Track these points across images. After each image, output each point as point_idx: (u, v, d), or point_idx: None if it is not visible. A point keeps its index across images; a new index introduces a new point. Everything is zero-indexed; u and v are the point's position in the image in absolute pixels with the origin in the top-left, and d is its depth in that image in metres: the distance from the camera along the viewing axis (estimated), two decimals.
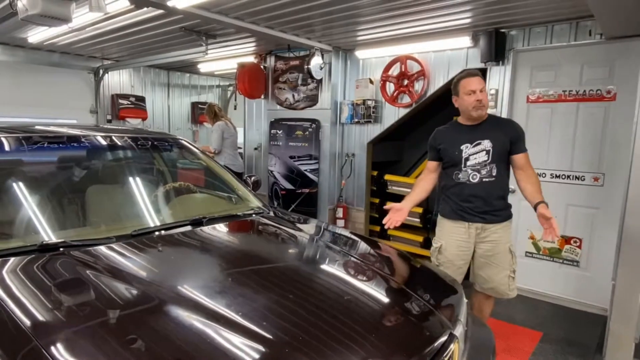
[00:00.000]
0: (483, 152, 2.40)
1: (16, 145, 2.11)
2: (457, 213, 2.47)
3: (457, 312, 1.65)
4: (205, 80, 8.03)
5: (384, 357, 1.24)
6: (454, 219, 2.49)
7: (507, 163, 2.46)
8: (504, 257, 2.45)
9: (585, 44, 3.41)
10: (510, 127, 2.47)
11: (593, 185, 3.50)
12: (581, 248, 3.61)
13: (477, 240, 2.46)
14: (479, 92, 2.37)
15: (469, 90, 2.38)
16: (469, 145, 2.43)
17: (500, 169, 2.42)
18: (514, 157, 2.43)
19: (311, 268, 1.89)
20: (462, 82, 2.42)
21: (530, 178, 2.40)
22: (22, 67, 5.70)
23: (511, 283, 2.51)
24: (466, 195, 2.43)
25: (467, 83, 2.40)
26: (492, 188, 2.42)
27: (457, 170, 2.45)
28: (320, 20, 3.84)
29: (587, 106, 3.49)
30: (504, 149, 2.40)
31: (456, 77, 2.50)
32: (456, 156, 2.45)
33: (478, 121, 2.45)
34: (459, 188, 2.45)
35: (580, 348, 2.89)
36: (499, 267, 2.46)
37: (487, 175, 2.41)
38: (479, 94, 2.37)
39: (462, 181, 2.44)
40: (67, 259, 1.58)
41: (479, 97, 2.37)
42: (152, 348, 1.14)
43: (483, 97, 2.38)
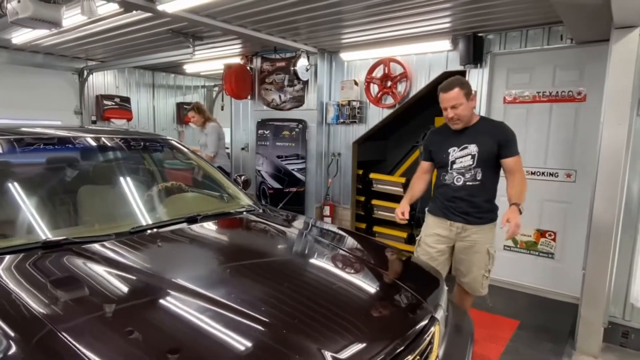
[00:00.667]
0: (469, 157, 2.45)
1: (12, 147, 2.17)
2: (441, 211, 2.58)
3: (438, 298, 1.79)
4: (190, 80, 8.05)
5: (370, 338, 1.36)
6: (438, 216, 2.61)
7: (497, 166, 2.48)
8: (481, 257, 2.52)
9: (557, 48, 3.62)
10: (500, 131, 2.45)
11: (566, 181, 3.71)
12: (555, 241, 3.82)
13: (457, 238, 2.57)
14: (450, 109, 2.39)
15: (443, 107, 2.43)
16: (456, 149, 2.49)
17: (486, 173, 2.45)
18: (502, 161, 2.43)
19: (302, 260, 2.01)
20: (440, 96, 2.45)
21: (514, 182, 2.41)
22: (5, 68, 5.65)
23: (484, 282, 2.59)
24: (450, 196, 2.53)
25: (441, 99, 2.43)
26: (475, 191, 2.47)
27: (444, 172, 2.55)
28: (306, 23, 3.95)
29: (559, 107, 3.69)
30: (490, 154, 2.42)
31: (439, 86, 2.52)
32: (444, 159, 2.53)
33: (466, 125, 2.48)
34: (444, 189, 2.56)
35: (554, 334, 3.07)
36: (475, 266, 2.54)
37: (471, 179, 2.46)
38: (450, 111, 2.40)
39: (447, 182, 2.53)
40: (69, 255, 1.65)
41: (450, 114, 2.41)
42: (160, 331, 1.24)
43: (456, 113, 2.39)
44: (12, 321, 1.24)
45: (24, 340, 1.17)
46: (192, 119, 5.00)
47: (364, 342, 1.33)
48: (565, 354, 2.81)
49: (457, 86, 2.38)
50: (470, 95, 2.41)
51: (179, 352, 1.16)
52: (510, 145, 2.41)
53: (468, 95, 2.40)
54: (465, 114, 2.41)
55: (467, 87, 2.41)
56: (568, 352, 2.83)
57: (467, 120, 2.45)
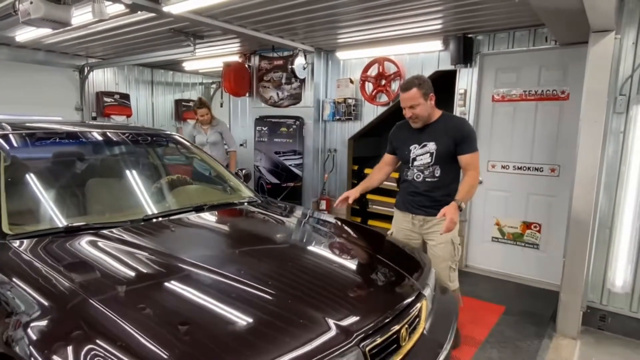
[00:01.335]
0: (427, 154, 2.50)
1: (26, 142, 2.33)
2: (404, 205, 2.67)
3: (425, 277, 1.97)
4: (188, 77, 8.18)
5: (366, 309, 1.53)
6: (402, 210, 2.70)
7: (457, 163, 2.50)
8: (445, 248, 2.53)
9: (542, 49, 3.81)
10: (457, 129, 2.46)
11: (550, 175, 3.91)
12: (540, 232, 4.02)
13: (422, 232, 2.62)
14: (408, 109, 2.44)
15: (402, 106, 2.50)
16: (417, 146, 2.54)
17: (444, 170, 2.49)
18: (458, 157, 2.46)
19: (302, 243, 2.20)
20: (400, 95, 2.51)
21: (465, 180, 2.44)
22: (7, 65, 5.75)
23: (452, 274, 2.57)
24: (411, 191, 2.61)
25: (400, 98, 2.48)
26: (434, 187, 2.53)
27: (407, 168, 2.63)
28: (303, 24, 4.12)
29: (544, 105, 3.89)
30: (448, 151, 2.45)
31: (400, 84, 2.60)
32: (406, 155, 2.60)
33: (426, 123, 2.51)
34: (406, 184, 2.64)
35: (537, 318, 3.28)
36: (440, 257, 2.54)
37: (430, 175, 2.51)
38: (408, 111, 2.45)
39: (409, 179, 2.60)
40: (89, 238, 1.82)
41: (408, 114, 2.47)
42: (177, 300, 1.41)
43: (414, 113, 2.44)
44: (47, 292, 1.40)
45: (58, 307, 1.33)
46: (205, 116, 4.70)
47: (360, 312, 1.50)
48: (547, 336, 3.01)
49: (414, 86, 2.40)
50: (429, 94, 2.44)
51: (197, 316, 1.33)
52: (466, 142, 2.42)
53: (426, 95, 2.43)
54: (423, 114, 2.45)
55: (425, 86, 2.43)
56: (549, 334, 3.03)
57: (426, 119, 2.49)
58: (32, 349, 1.22)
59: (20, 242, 1.73)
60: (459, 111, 4.31)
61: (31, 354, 1.20)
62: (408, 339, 1.62)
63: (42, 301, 1.37)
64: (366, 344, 1.39)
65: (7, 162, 2.16)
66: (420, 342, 1.70)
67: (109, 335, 1.19)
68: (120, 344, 1.15)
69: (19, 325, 1.32)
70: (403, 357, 1.56)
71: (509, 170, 4.12)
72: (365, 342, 1.39)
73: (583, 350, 2.86)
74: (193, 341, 1.20)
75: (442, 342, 1.76)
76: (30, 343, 1.24)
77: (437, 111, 2.55)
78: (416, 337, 1.69)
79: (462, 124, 2.53)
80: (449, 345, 1.79)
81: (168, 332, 1.22)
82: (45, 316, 1.32)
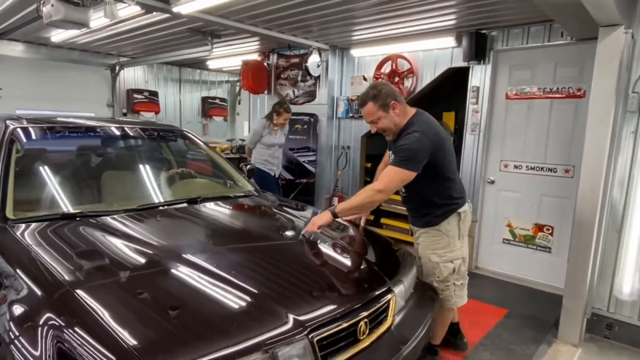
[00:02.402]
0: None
1: (47, 135, 2.54)
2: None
3: (400, 274, 1.98)
4: (215, 76, 8.43)
5: (321, 303, 1.57)
6: None
7: (424, 172, 2.14)
8: (426, 262, 2.37)
9: (558, 44, 3.66)
10: (400, 142, 2.17)
11: (564, 176, 3.75)
12: (553, 235, 3.87)
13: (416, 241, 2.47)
14: (371, 124, 2.24)
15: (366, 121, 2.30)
16: (391, 154, 2.29)
17: (410, 183, 2.18)
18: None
19: (278, 235, 2.28)
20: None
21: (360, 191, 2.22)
22: (45, 64, 6.18)
23: (438, 293, 2.33)
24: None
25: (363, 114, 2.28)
26: (406, 200, 2.40)
27: None
28: (318, 21, 4.15)
29: (559, 103, 3.73)
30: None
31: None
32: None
33: (398, 131, 2.24)
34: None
35: (539, 323, 3.17)
36: (424, 271, 2.39)
37: (401, 189, 2.31)
38: (372, 126, 2.24)
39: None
40: (84, 225, 1.96)
41: (373, 129, 2.26)
42: (143, 280, 1.51)
43: (379, 127, 2.22)
44: (32, 273, 1.54)
45: (38, 286, 1.47)
46: (286, 121, 4.64)
47: (317, 304, 1.55)
48: (546, 342, 2.91)
49: (369, 100, 2.17)
50: (389, 104, 2.15)
51: (153, 305, 1.42)
52: (397, 154, 2.14)
53: (385, 107, 2.15)
54: (388, 126, 2.20)
55: (382, 97, 2.14)
56: (549, 340, 2.93)
57: (395, 130, 2.23)
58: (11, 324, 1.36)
59: (17, 227, 1.89)
60: (471, 109, 4.22)
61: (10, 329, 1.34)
62: (368, 333, 1.64)
63: (27, 281, 1.51)
64: (316, 334, 1.43)
65: (20, 153, 2.36)
66: (385, 337, 1.73)
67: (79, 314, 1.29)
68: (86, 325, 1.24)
69: (4, 301, 1.47)
70: (360, 350, 1.58)
71: (522, 170, 3.99)
72: (314, 332, 1.43)
73: (583, 358, 2.74)
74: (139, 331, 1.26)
75: (407, 339, 1.77)
76: (10, 319, 1.38)
77: (407, 116, 2.22)
78: (380, 332, 1.72)
79: (405, 138, 2.16)
80: (416, 343, 1.79)
81: (130, 313, 1.32)
82: (25, 294, 1.46)
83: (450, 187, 2.30)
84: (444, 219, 2.29)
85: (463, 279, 2.39)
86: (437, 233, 2.31)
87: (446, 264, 2.30)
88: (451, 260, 2.31)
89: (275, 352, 1.32)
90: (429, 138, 2.14)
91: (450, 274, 2.32)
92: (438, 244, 2.31)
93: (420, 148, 2.10)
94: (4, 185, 2.08)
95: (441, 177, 2.24)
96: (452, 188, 2.31)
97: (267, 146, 4.63)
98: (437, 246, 2.32)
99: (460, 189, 2.39)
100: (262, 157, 4.64)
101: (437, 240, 2.32)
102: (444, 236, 2.30)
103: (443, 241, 2.30)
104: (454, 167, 2.34)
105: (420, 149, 2.10)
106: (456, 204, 2.31)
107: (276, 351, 1.32)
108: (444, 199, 2.29)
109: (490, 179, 4.18)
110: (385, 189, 2.11)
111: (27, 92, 6.09)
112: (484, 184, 4.23)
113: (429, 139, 2.13)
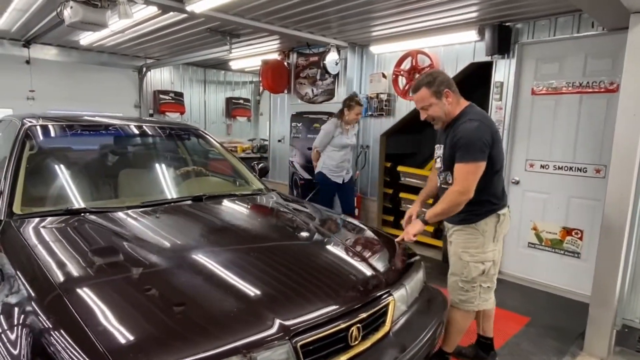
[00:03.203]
0: (440, 158, 2.29)
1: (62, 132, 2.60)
2: None
3: (402, 279, 1.88)
4: (239, 76, 8.51)
5: (310, 307, 1.48)
6: None
7: None
8: (455, 261, 2.29)
9: (588, 35, 3.42)
10: (455, 132, 2.14)
11: (595, 177, 3.50)
12: (582, 240, 3.62)
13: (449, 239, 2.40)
14: (422, 111, 2.21)
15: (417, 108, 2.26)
16: (439, 147, 2.30)
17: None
18: None
19: (277, 234, 2.22)
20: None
21: (443, 196, 2.17)
22: (76, 67, 6.44)
23: (460, 292, 2.26)
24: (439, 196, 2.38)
25: (414, 100, 2.25)
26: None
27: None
28: (336, 16, 4.06)
29: (590, 98, 3.49)
30: (451, 157, 2.16)
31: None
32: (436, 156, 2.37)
33: (448, 121, 2.22)
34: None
35: (563, 333, 2.96)
36: (451, 268, 2.32)
37: (444, 181, 2.27)
38: (422, 113, 2.21)
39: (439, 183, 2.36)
40: (87, 221, 1.98)
41: (422, 116, 2.23)
42: (129, 270, 1.49)
43: (429, 114, 2.19)
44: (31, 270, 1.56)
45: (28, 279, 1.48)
46: (358, 115, 4.22)
47: (306, 308, 1.47)
48: (569, 353, 2.71)
49: (423, 86, 2.16)
50: (442, 92, 2.13)
51: (141, 304, 1.39)
52: (458, 149, 2.09)
53: (438, 93, 2.13)
54: (438, 114, 2.17)
55: (437, 84, 2.13)
56: (573, 351, 2.73)
57: (446, 119, 2.20)
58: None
59: (22, 222, 1.93)
60: (494, 105, 4.03)
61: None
62: (362, 339, 1.56)
63: (22, 277, 1.52)
64: (300, 339, 1.36)
65: (33, 150, 2.43)
66: (381, 343, 1.63)
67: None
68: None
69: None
70: (352, 357, 1.50)
71: (549, 170, 3.76)
72: (299, 337, 1.36)
73: None
74: (114, 330, 1.22)
75: (407, 346, 1.67)
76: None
77: (460, 106, 2.20)
78: (376, 338, 1.63)
79: (462, 128, 2.12)
80: (416, 350, 1.69)
81: (108, 312, 1.30)
82: (17, 290, 1.47)
83: (498, 184, 2.24)
84: (482, 218, 2.20)
85: (491, 282, 2.28)
86: (472, 231, 2.22)
87: (476, 264, 2.21)
88: (482, 261, 2.21)
89: (254, 356, 1.26)
90: (488, 126, 2.12)
91: (478, 275, 2.22)
92: (472, 242, 2.22)
93: (480, 136, 2.07)
94: (13, 181, 2.13)
95: (493, 172, 2.17)
96: (498, 186, 2.24)
97: (338, 148, 4.20)
98: (470, 245, 2.22)
99: (504, 190, 2.31)
100: (333, 161, 4.22)
101: (471, 239, 2.22)
102: (480, 236, 2.21)
103: (478, 241, 2.21)
104: (503, 163, 2.27)
105: (480, 137, 2.06)
106: (497, 205, 2.22)
107: (255, 355, 1.26)
108: (490, 196, 2.20)
109: (515, 179, 3.97)
110: (465, 189, 2.07)
111: (59, 94, 6.35)
112: (508, 184, 4.01)
113: (488, 127, 2.12)
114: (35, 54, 5.95)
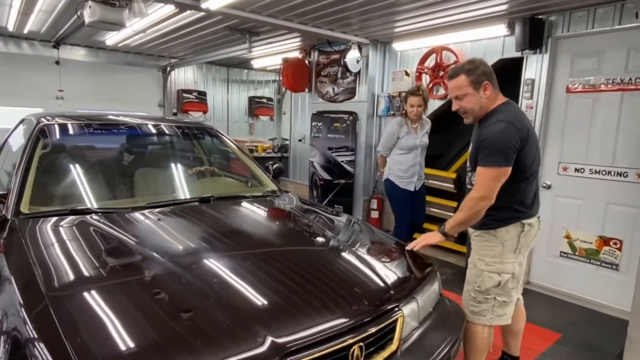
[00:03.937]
0: (469, 158, 2.17)
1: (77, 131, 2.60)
2: None
3: (414, 292, 1.72)
4: (262, 75, 8.48)
5: (309, 323, 1.35)
6: None
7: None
8: (471, 268, 2.14)
9: (631, 27, 3.13)
10: (482, 133, 1.99)
11: (637, 182, 3.20)
12: (621, 250, 3.32)
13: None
14: (455, 100, 2.05)
15: (450, 96, 2.12)
16: (471, 146, 2.15)
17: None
18: None
19: (281, 241, 2.11)
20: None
21: (462, 203, 2.03)
22: (103, 67, 6.56)
23: (473, 304, 2.09)
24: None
25: (448, 87, 2.09)
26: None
27: None
28: (357, 12, 3.91)
29: (632, 96, 3.19)
30: (475, 157, 2.02)
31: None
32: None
33: (479, 119, 2.06)
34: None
35: (599, 353, 2.71)
36: (467, 277, 2.17)
37: (469, 182, 2.14)
38: (455, 103, 2.05)
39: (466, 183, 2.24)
40: (88, 222, 1.93)
41: (454, 106, 2.06)
42: (121, 288, 1.41)
43: (461, 105, 2.02)
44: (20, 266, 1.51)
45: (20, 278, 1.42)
46: (418, 108, 3.53)
47: (304, 324, 1.34)
48: None
49: (462, 73, 1.97)
50: (481, 83, 1.95)
51: (129, 315, 1.31)
52: (481, 151, 1.93)
53: (477, 84, 1.95)
54: (472, 107, 1.99)
55: (477, 74, 1.95)
56: None
57: (479, 114, 2.02)
58: None
59: (27, 221, 1.89)
60: (525, 104, 3.77)
61: None
62: (366, 358, 1.42)
63: (13, 277, 1.48)
64: (293, 359, 1.23)
65: (47, 148, 2.41)
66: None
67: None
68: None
69: None
70: None
71: (584, 174, 3.48)
72: (292, 357, 1.24)
73: None
74: (103, 346, 1.14)
75: None
76: None
77: (496, 103, 2.01)
78: (382, 358, 1.48)
79: (488, 129, 1.95)
80: None
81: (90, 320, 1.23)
82: (8, 288, 1.42)
83: (526, 191, 2.03)
84: (503, 225, 2.02)
85: (507, 296, 2.06)
86: (491, 238, 2.04)
87: (491, 274, 2.03)
88: (499, 272, 2.02)
89: None
90: (518, 129, 1.91)
91: (493, 287, 2.03)
92: (489, 250, 2.04)
93: (506, 141, 1.88)
94: (22, 180, 2.11)
95: (522, 178, 1.98)
96: (527, 194, 2.03)
97: (406, 150, 3.60)
98: (487, 253, 2.05)
99: (536, 198, 2.09)
100: (400, 166, 3.63)
101: (488, 247, 2.05)
102: (498, 244, 2.02)
103: (496, 249, 2.02)
104: (537, 169, 2.06)
105: (505, 141, 1.88)
106: (523, 213, 2.03)
107: None
108: (513, 203, 2.01)
109: (546, 183, 3.70)
110: (485, 195, 1.91)
111: (87, 94, 6.49)
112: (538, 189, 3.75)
113: (518, 130, 1.91)
114: (65, 54, 6.10)
